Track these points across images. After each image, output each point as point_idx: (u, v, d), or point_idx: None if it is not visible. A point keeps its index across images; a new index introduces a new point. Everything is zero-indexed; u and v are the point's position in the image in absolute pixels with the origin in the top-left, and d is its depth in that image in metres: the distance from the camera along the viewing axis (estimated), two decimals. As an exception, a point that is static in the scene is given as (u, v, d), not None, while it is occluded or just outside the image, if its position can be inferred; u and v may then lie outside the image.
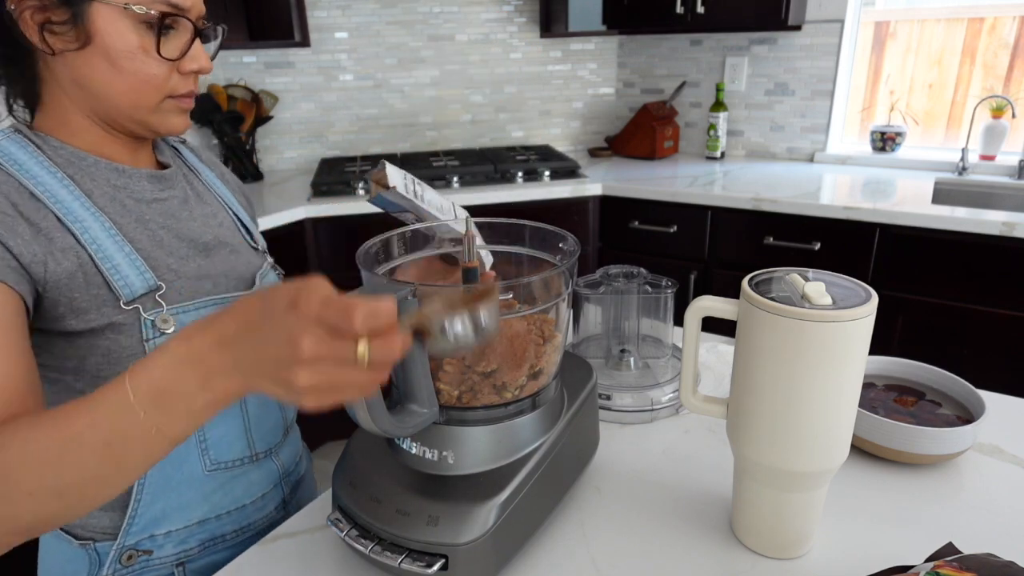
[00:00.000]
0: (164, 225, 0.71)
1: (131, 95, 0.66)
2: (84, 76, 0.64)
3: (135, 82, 0.65)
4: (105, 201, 0.67)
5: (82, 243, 0.63)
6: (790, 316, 0.54)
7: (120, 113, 0.67)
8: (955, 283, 1.83)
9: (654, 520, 0.70)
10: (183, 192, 0.76)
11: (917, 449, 0.74)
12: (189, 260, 0.71)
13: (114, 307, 0.65)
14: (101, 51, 0.63)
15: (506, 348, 0.60)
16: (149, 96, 0.67)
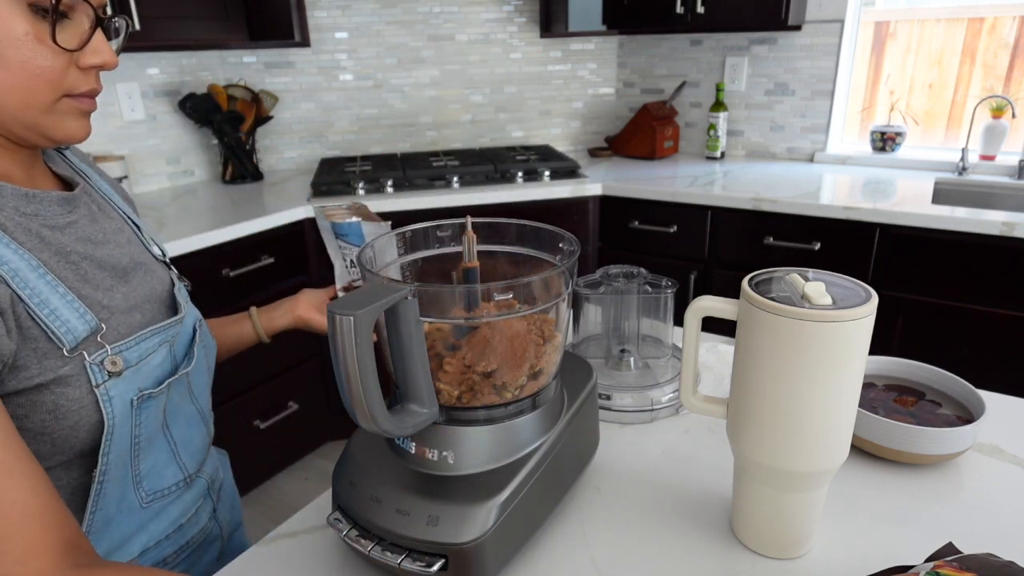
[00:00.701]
0: (84, 255, 0.62)
1: (19, 91, 0.55)
2: None
3: (24, 75, 0.55)
4: (21, 235, 0.57)
5: (14, 289, 0.54)
6: (790, 316, 0.54)
7: (7, 114, 0.56)
8: (955, 283, 1.83)
9: (654, 520, 0.70)
10: (88, 210, 0.66)
11: (917, 449, 0.74)
12: (114, 291, 0.64)
13: (57, 358, 0.57)
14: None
15: (506, 348, 0.60)
16: (42, 92, 0.56)
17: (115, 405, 0.60)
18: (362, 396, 0.53)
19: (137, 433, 0.64)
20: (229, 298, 1.97)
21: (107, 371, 0.60)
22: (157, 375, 0.65)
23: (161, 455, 0.69)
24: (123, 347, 0.62)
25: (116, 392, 0.60)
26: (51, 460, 0.58)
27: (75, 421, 0.58)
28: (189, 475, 0.73)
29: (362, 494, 0.61)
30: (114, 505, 0.64)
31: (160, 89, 2.36)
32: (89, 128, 0.62)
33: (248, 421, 2.11)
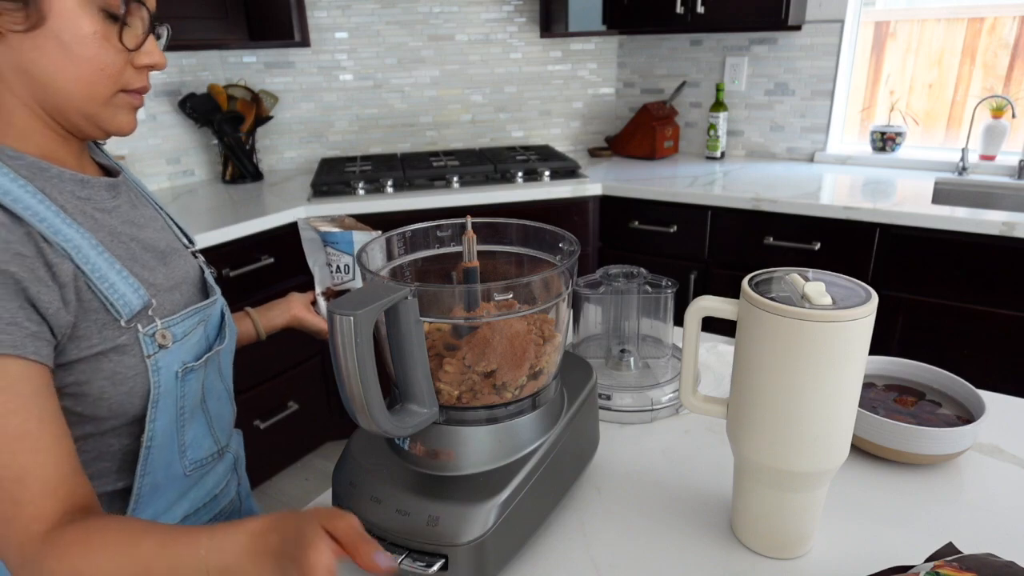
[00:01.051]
0: (131, 236, 0.68)
1: (84, 84, 0.61)
2: (32, 61, 0.59)
3: (89, 70, 0.61)
4: (78, 216, 0.63)
5: (77, 264, 0.59)
6: (790, 316, 0.54)
7: (70, 104, 0.62)
8: (955, 283, 1.83)
9: (654, 520, 0.70)
10: (128, 196, 0.72)
11: (917, 449, 0.74)
12: (157, 271, 0.69)
13: (115, 329, 0.62)
14: (54, 34, 0.58)
15: (506, 348, 0.60)
16: (103, 86, 0.62)
17: (162, 376, 0.66)
18: (362, 396, 0.53)
19: (181, 404, 0.69)
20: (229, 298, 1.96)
21: (157, 343, 0.66)
22: (196, 351, 0.71)
23: (200, 427, 0.74)
24: (170, 322, 0.67)
25: (164, 363, 0.66)
26: (106, 424, 0.64)
27: (130, 388, 0.64)
28: (221, 448, 0.79)
29: (362, 494, 0.61)
30: (161, 472, 0.70)
31: (160, 89, 2.36)
32: (136, 123, 0.69)
33: (248, 421, 2.11)
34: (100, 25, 0.61)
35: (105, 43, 0.61)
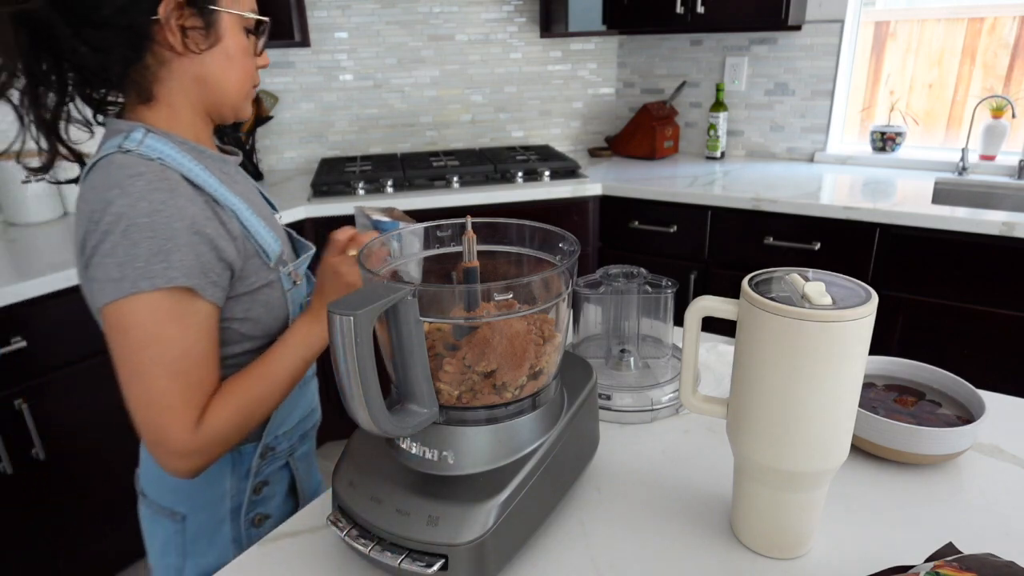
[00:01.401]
0: (253, 202, 0.86)
1: (240, 86, 0.82)
2: (208, 71, 0.78)
3: (243, 75, 0.81)
4: (228, 184, 0.81)
5: (241, 222, 0.79)
6: (790, 316, 0.54)
7: (227, 101, 0.82)
8: (955, 283, 1.83)
9: (654, 520, 0.70)
10: (240, 173, 0.91)
11: (917, 449, 0.74)
12: (273, 229, 0.88)
13: (266, 270, 0.82)
14: (223, 51, 0.78)
15: (506, 348, 0.60)
16: (248, 86, 0.83)
17: (293, 306, 0.88)
18: (362, 396, 0.53)
19: None
20: (229, 298, 1.96)
21: (292, 280, 0.88)
22: (307, 289, 0.94)
23: None
24: (295, 266, 0.90)
25: (294, 297, 0.88)
26: (259, 342, 0.84)
27: (276, 314, 0.85)
28: (313, 371, 1.02)
29: (362, 494, 0.61)
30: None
31: (160, 89, 2.36)
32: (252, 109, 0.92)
33: (248, 421, 2.11)
34: (245, 40, 0.80)
35: (250, 54, 0.82)
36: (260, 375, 0.80)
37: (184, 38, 0.74)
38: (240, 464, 0.89)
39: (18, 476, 1.57)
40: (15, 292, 1.48)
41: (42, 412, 1.58)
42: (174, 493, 0.86)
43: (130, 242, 0.69)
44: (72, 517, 1.70)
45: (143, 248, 0.69)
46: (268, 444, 0.90)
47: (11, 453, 1.55)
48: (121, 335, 0.74)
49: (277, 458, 0.93)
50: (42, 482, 1.62)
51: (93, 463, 1.72)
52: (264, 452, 0.90)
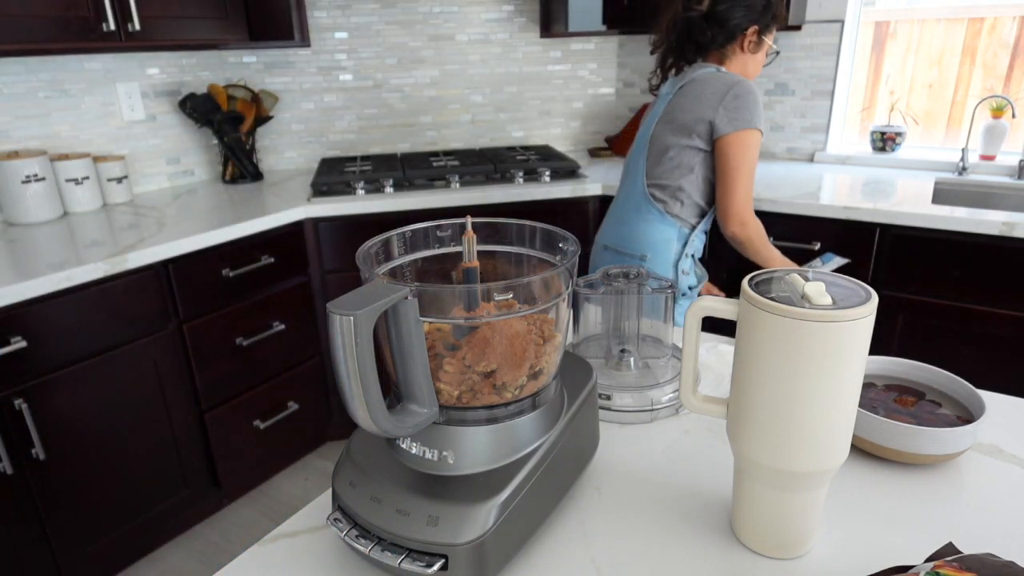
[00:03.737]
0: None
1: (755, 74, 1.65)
2: (748, 63, 1.61)
3: (758, 68, 1.65)
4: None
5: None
6: (790, 316, 0.54)
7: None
8: (955, 283, 1.83)
9: (654, 520, 0.70)
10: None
11: (917, 449, 0.74)
12: None
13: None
14: (756, 55, 1.61)
15: (506, 348, 0.60)
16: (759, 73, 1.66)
17: None
18: (362, 396, 0.53)
19: None
20: (229, 298, 1.97)
21: None
22: None
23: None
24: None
25: None
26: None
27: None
28: None
29: (362, 494, 0.61)
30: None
31: (160, 89, 2.36)
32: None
33: (248, 421, 2.11)
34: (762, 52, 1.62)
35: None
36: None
37: (751, 44, 1.58)
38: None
39: (18, 476, 1.57)
40: (15, 292, 1.48)
41: (42, 412, 1.58)
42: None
43: (753, 100, 1.51)
44: (72, 517, 1.70)
45: (758, 106, 1.52)
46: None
47: (11, 453, 1.55)
48: (744, 150, 1.52)
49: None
50: (42, 482, 1.62)
51: (93, 463, 1.72)
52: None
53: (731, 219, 1.58)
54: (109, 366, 1.70)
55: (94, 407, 1.69)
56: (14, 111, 2.01)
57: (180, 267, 1.81)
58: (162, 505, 1.93)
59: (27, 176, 1.93)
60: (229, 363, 2.01)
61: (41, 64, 2.05)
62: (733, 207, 1.56)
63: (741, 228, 1.59)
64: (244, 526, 2.11)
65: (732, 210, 1.57)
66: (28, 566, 1.64)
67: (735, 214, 1.57)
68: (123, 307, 1.71)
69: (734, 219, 1.57)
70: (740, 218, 1.57)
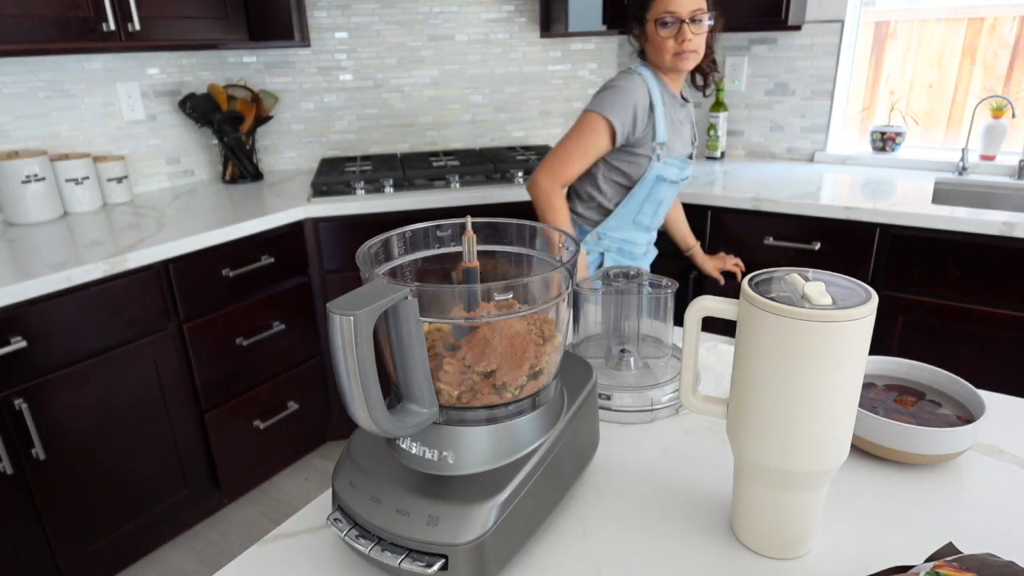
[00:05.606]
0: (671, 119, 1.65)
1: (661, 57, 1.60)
2: (651, 51, 1.59)
3: (659, 50, 1.58)
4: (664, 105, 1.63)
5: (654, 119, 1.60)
6: (790, 316, 0.54)
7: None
8: (955, 283, 1.83)
9: (654, 520, 0.70)
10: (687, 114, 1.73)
11: (917, 449, 0.74)
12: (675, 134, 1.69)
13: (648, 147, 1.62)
14: (653, 41, 1.57)
15: (506, 348, 0.60)
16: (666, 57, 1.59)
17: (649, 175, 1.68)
18: (362, 396, 0.53)
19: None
20: (229, 298, 1.97)
21: (658, 157, 1.65)
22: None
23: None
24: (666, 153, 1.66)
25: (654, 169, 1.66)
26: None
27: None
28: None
29: (362, 494, 0.61)
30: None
31: (160, 89, 2.36)
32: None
33: (248, 421, 2.11)
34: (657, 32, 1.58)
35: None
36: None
37: (642, 37, 1.61)
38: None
39: (18, 476, 1.57)
40: (15, 292, 1.48)
41: (42, 412, 1.58)
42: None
43: (613, 91, 1.57)
44: (72, 517, 1.70)
45: (616, 98, 1.56)
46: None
47: (11, 453, 1.55)
48: (580, 125, 1.58)
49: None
50: (42, 482, 1.62)
51: (93, 463, 1.72)
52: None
53: (535, 173, 1.62)
54: (109, 366, 1.70)
55: (94, 407, 1.69)
56: (14, 111, 2.01)
57: (180, 267, 1.81)
58: (162, 505, 1.93)
59: (27, 176, 1.93)
60: (229, 363, 2.01)
61: (41, 64, 2.05)
62: (541, 164, 1.62)
63: (532, 185, 1.62)
64: (244, 526, 2.11)
65: (540, 166, 1.62)
66: (28, 566, 1.64)
67: (538, 170, 1.62)
68: (123, 307, 1.71)
69: (535, 174, 1.62)
70: (537, 176, 1.61)
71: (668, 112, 1.62)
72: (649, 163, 1.62)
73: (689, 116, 1.72)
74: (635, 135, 1.59)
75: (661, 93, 1.60)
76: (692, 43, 1.52)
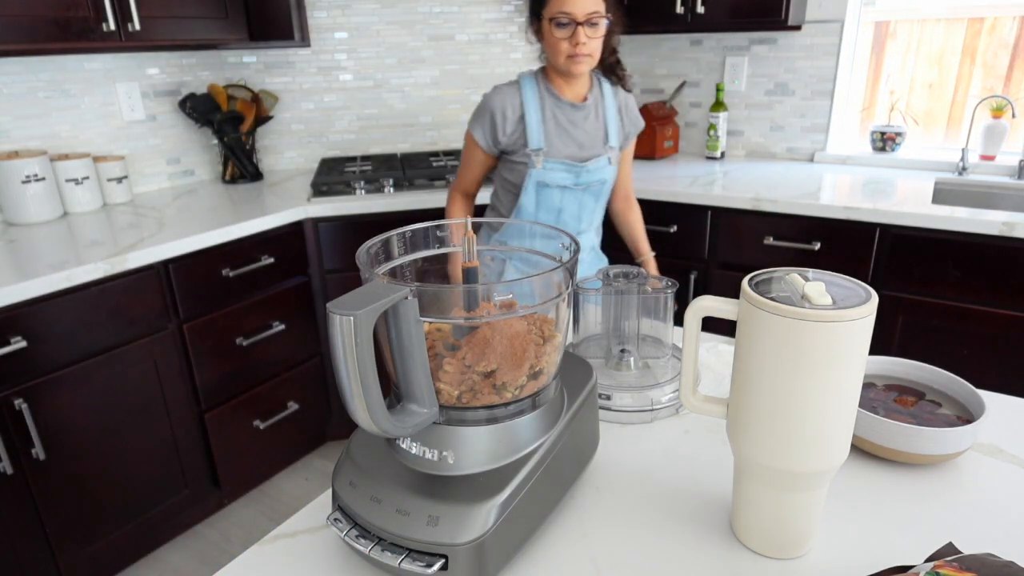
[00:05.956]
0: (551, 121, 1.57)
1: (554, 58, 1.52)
2: (549, 54, 1.52)
3: (554, 52, 1.49)
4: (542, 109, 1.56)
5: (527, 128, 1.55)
6: (790, 316, 0.54)
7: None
8: (955, 283, 1.83)
9: (654, 520, 0.70)
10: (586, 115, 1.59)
11: (917, 449, 0.74)
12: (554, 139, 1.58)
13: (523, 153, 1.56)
14: (548, 41, 1.49)
15: (506, 348, 0.60)
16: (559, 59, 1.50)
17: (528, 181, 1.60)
18: (362, 396, 0.53)
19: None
20: (229, 298, 1.97)
21: (535, 164, 1.58)
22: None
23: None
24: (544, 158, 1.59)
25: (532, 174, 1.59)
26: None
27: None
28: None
29: (362, 494, 0.61)
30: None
31: (160, 89, 2.36)
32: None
33: (248, 421, 2.11)
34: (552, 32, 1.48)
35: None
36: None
37: (539, 37, 1.54)
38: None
39: (18, 476, 1.57)
40: (15, 292, 1.48)
41: (42, 412, 1.58)
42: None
43: (479, 106, 1.57)
44: (72, 517, 1.70)
45: (478, 111, 1.57)
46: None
47: (11, 453, 1.55)
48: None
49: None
50: (42, 482, 1.62)
51: (93, 463, 1.72)
52: None
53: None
54: (109, 366, 1.70)
55: (94, 407, 1.69)
56: (14, 111, 2.01)
57: (180, 267, 1.81)
58: (162, 505, 1.93)
59: (27, 176, 1.93)
60: (229, 363, 2.01)
61: (41, 64, 2.05)
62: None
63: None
64: (244, 526, 2.11)
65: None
66: (28, 566, 1.64)
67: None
68: (123, 307, 1.70)
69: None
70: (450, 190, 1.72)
71: (551, 116, 1.55)
72: (527, 169, 1.56)
73: (594, 116, 1.59)
74: (501, 143, 1.56)
75: (540, 98, 1.54)
76: (586, 47, 1.45)
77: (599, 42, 1.48)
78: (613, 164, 1.64)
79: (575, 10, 1.42)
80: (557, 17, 1.43)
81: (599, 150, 1.61)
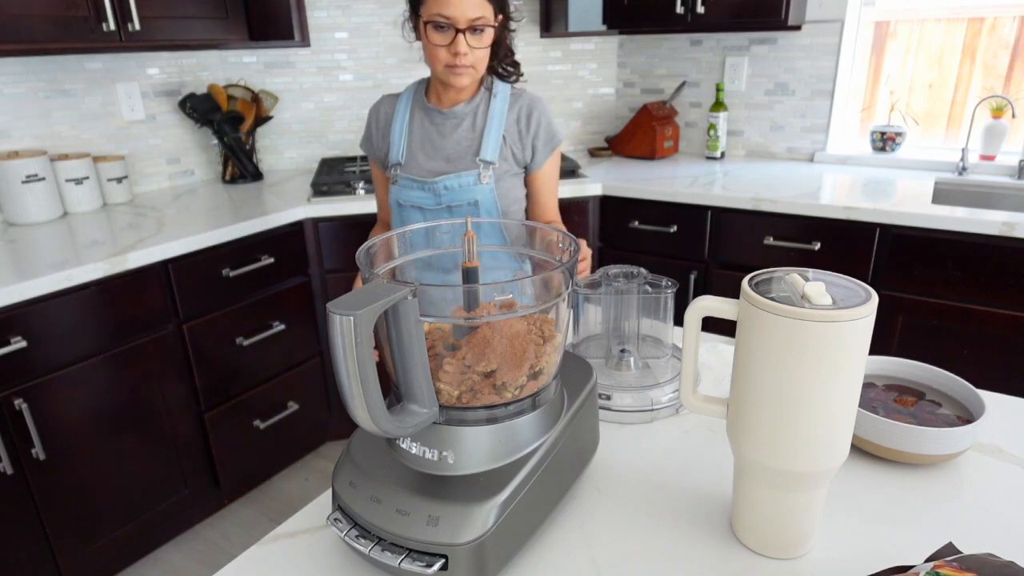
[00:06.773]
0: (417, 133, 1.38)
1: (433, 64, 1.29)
2: (427, 56, 1.29)
3: (432, 57, 1.27)
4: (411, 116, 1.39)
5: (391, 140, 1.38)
6: (790, 316, 0.54)
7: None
8: (955, 283, 1.83)
9: (654, 520, 0.70)
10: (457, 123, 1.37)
11: (917, 449, 0.74)
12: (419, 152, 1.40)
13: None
14: (424, 42, 1.27)
15: (506, 348, 0.60)
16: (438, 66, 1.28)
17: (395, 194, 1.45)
18: (362, 396, 0.53)
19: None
20: (229, 298, 1.96)
21: (395, 180, 1.42)
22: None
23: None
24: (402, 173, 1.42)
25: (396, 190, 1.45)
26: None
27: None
28: None
29: (362, 494, 0.61)
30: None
31: (160, 89, 2.36)
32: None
33: (248, 421, 2.11)
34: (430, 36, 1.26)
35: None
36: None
37: (415, 33, 1.31)
38: None
39: (18, 476, 1.57)
40: (15, 292, 1.48)
41: (42, 412, 1.58)
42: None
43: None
44: (72, 517, 1.70)
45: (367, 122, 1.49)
46: None
47: (11, 453, 1.55)
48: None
49: None
50: (42, 482, 1.62)
51: (93, 463, 1.72)
52: None
53: None
54: (109, 366, 1.70)
55: (94, 407, 1.69)
56: (14, 111, 2.01)
57: (180, 267, 1.81)
58: (162, 505, 1.93)
59: (27, 176, 1.93)
60: (229, 363, 2.01)
61: (41, 64, 2.05)
62: None
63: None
64: (244, 526, 2.11)
65: None
66: (28, 566, 1.64)
67: None
68: (123, 307, 1.70)
69: None
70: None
71: (418, 126, 1.37)
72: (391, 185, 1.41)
73: (469, 125, 1.36)
74: (377, 156, 1.45)
75: (411, 106, 1.38)
76: (468, 57, 1.24)
77: (485, 52, 1.28)
78: (486, 183, 1.37)
79: (456, 14, 1.20)
80: (435, 19, 1.21)
81: (466, 164, 1.36)
